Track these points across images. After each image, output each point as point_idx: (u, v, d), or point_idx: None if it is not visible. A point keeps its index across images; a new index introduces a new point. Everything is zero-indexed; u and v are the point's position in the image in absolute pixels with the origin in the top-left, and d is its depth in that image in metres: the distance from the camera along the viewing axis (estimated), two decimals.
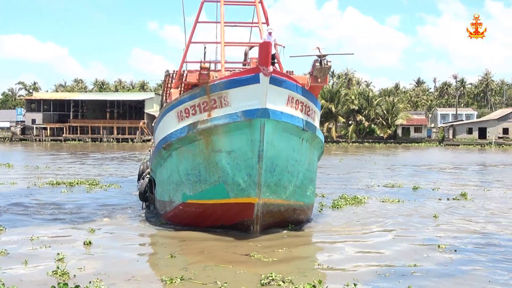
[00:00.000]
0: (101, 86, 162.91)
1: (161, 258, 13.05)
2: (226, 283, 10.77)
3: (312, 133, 15.73)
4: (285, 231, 15.74)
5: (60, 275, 11.17)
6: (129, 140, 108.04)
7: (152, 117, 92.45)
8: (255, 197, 14.67)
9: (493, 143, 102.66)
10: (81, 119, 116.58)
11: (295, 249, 14.05)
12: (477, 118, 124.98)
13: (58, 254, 12.79)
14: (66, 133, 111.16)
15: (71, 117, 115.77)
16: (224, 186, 14.84)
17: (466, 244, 14.66)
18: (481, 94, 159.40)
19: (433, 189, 27.16)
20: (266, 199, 14.91)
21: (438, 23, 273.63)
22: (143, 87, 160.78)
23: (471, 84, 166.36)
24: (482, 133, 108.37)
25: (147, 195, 19.86)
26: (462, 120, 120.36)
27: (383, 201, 22.57)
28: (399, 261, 12.67)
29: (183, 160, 15.64)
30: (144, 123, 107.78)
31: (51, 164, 44.39)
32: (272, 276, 11.07)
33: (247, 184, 14.59)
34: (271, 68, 13.65)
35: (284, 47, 18.23)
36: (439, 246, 14.13)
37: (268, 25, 19.56)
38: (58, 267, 11.52)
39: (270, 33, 16.66)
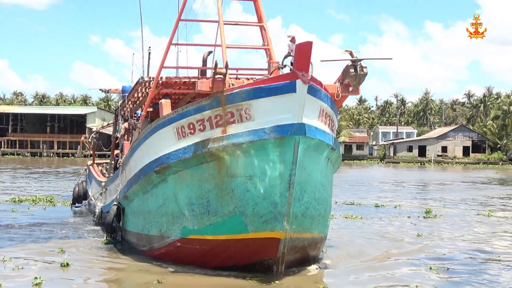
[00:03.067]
0: (42, 100, 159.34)
1: (149, 282, 12.14)
2: None
3: (338, 152, 13.85)
4: None
5: None
6: (70, 155, 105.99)
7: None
8: (281, 231, 12.05)
9: (432, 161, 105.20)
10: (21, 133, 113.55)
11: (296, 271, 13.04)
12: (417, 136, 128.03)
13: (36, 278, 11.94)
14: (4, 147, 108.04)
15: (9, 131, 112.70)
16: (241, 218, 12.23)
17: (458, 264, 14.83)
18: (421, 113, 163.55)
19: (394, 207, 27.47)
20: (292, 233, 12.39)
21: (379, 43, 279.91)
22: (85, 101, 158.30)
23: (411, 102, 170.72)
24: (422, 151, 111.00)
25: (114, 225, 16.57)
26: (403, 138, 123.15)
27: (346, 217, 22.68)
28: (399, 282, 12.64)
29: (185, 187, 12.93)
30: (85, 137, 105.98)
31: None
32: None
33: (271, 215, 12.01)
34: (310, 74, 11.55)
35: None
36: (431, 268, 14.01)
37: (264, 23, 16.93)
38: None
39: (293, 40, 14.07)
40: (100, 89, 30.50)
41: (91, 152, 33.36)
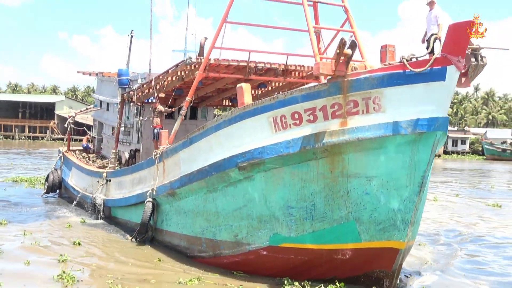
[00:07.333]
0: (15, 88, 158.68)
1: (167, 261, 12.88)
2: None
3: None
4: None
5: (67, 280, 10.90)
6: (40, 138, 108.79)
7: (62, 119, 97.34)
8: (401, 240, 10.52)
9: None
10: None
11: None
12: None
13: (61, 255, 12.34)
14: None
15: None
16: (355, 225, 10.58)
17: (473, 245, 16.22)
18: None
19: None
20: (407, 242, 10.79)
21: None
22: (54, 90, 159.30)
23: None
24: None
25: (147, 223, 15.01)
26: None
27: None
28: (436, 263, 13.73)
29: (281, 187, 11.07)
30: (54, 123, 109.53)
31: None
32: None
33: (391, 222, 10.44)
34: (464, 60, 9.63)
35: None
36: (456, 252, 14.81)
37: (346, 3, 13.99)
38: (64, 272, 11.20)
39: (431, 5, 11.50)
40: (78, 72, 29.15)
41: (64, 137, 33.10)
